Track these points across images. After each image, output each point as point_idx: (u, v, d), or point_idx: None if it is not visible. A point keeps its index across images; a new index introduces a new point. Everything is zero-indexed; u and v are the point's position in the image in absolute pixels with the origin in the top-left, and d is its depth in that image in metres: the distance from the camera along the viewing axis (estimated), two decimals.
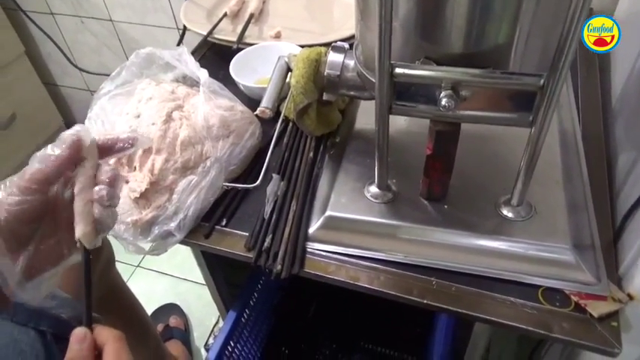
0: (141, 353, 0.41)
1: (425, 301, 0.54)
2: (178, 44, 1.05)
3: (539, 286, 0.54)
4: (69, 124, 1.92)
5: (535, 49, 0.46)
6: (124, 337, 0.39)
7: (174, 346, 1.22)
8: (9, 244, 0.39)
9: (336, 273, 0.57)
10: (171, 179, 0.61)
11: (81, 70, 1.64)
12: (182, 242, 0.62)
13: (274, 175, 0.65)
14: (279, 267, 0.57)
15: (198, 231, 0.62)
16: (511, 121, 0.49)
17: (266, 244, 0.59)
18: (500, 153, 0.66)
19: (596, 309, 0.51)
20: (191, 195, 0.61)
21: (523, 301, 0.53)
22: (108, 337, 0.39)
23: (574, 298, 0.52)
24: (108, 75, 0.72)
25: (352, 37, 0.86)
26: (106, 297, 0.78)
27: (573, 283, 0.53)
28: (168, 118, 0.64)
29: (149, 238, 0.61)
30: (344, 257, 0.58)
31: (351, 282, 0.56)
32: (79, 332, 0.38)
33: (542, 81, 0.44)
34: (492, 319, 0.52)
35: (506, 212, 0.58)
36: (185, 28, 0.99)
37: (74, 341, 0.38)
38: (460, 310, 0.53)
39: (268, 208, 0.63)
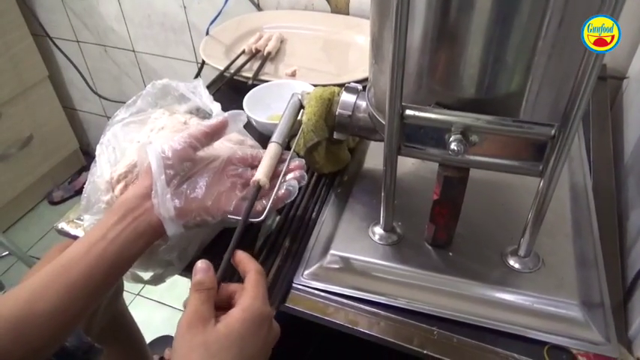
0: None
1: (425, 352, 0.52)
2: (196, 77, 1.08)
3: (545, 343, 0.51)
4: (83, 148, 1.95)
5: (547, 99, 0.46)
6: (264, 273, 0.48)
7: None
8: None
9: (335, 315, 0.56)
10: None
11: (100, 96, 1.68)
12: (182, 274, 0.61)
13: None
14: None
15: None
16: (520, 170, 0.49)
17: None
18: (509, 201, 0.65)
19: None
20: None
21: (527, 359, 0.50)
22: (250, 268, 0.48)
23: (581, 359, 0.50)
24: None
25: (366, 79, 0.87)
26: (109, 326, 0.78)
27: (581, 342, 0.51)
28: None
29: (149, 268, 0.60)
30: (344, 299, 0.57)
31: (350, 326, 0.54)
32: (199, 263, 0.47)
33: (553, 131, 0.44)
34: None
35: (513, 263, 0.57)
36: (203, 62, 1.01)
37: (195, 272, 0.46)
38: None
39: (259, 243, 0.62)
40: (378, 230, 0.61)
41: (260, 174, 0.55)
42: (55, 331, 0.46)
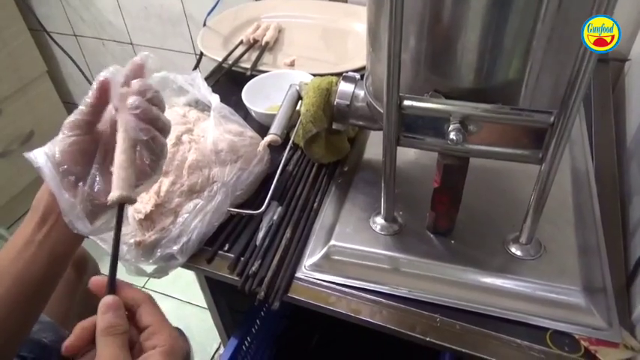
0: None
1: (427, 339, 0.52)
2: (194, 69, 1.07)
3: (547, 329, 0.52)
4: None
5: (546, 86, 0.45)
6: (152, 298, 0.41)
7: None
8: (66, 183, 0.44)
9: (337, 304, 0.56)
10: (176, 202, 0.61)
11: None
12: (184, 266, 0.62)
13: (273, 202, 0.65)
14: (262, 293, 0.56)
15: (201, 255, 0.62)
16: (520, 158, 0.49)
17: (254, 268, 0.59)
18: (510, 188, 0.65)
19: (608, 356, 0.49)
20: (196, 218, 0.61)
21: (530, 344, 0.51)
22: (141, 298, 0.41)
23: (584, 344, 0.50)
24: None
25: (365, 67, 0.87)
26: (90, 315, 0.77)
27: (583, 328, 0.51)
28: (178, 141, 0.65)
29: (151, 261, 0.61)
30: (346, 289, 0.57)
31: (352, 315, 0.55)
32: (110, 300, 0.39)
33: (552, 118, 0.44)
34: None
35: (515, 250, 0.56)
36: (202, 53, 1.00)
37: (106, 310, 0.38)
38: (464, 350, 0.51)
39: (261, 234, 0.62)
40: (379, 220, 0.61)
41: (115, 188, 0.42)
42: None
